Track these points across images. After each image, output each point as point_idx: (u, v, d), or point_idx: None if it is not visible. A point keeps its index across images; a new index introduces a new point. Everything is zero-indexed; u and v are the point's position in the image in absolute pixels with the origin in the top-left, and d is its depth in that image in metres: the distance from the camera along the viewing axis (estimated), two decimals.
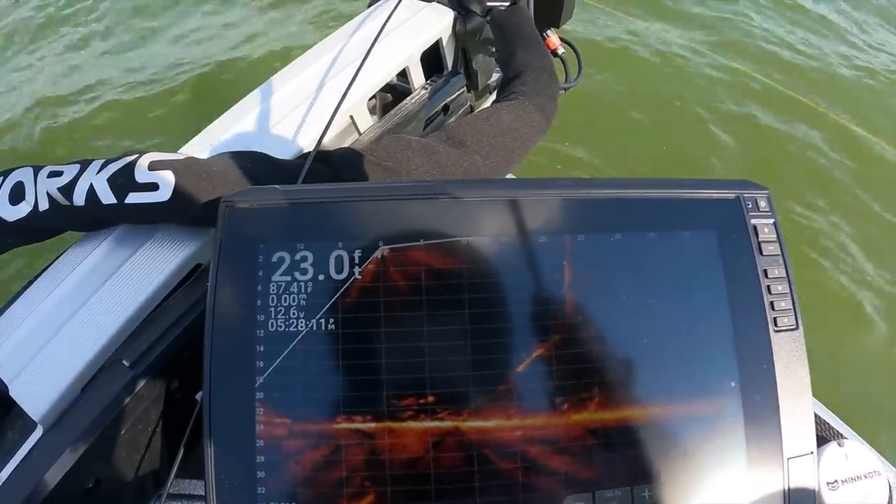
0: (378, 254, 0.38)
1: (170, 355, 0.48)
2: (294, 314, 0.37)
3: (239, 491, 0.36)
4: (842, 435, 0.57)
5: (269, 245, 0.38)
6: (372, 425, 0.36)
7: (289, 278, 0.38)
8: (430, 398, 0.37)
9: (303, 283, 0.38)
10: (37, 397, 0.44)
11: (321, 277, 0.38)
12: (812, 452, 0.40)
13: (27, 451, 0.44)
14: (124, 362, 0.46)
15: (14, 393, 0.44)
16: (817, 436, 0.58)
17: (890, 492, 0.52)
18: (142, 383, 0.46)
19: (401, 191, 0.40)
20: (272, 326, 0.37)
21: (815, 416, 0.58)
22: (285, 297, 0.38)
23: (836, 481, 0.51)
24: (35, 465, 0.43)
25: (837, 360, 1.43)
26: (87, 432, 0.44)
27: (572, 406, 0.38)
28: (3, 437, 0.49)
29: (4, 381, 0.45)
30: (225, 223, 0.39)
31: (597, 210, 0.41)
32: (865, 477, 0.52)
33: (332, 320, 0.37)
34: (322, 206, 0.39)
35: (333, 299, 0.37)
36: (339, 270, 0.38)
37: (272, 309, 0.37)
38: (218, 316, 0.37)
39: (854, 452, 0.52)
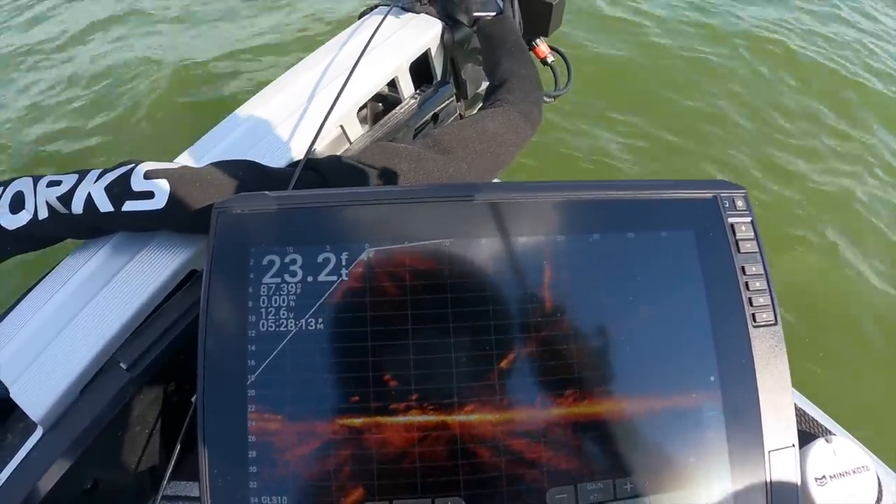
0: (364, 256, 0.39)
1: (166, 359, 0.49)
2: (284, 315, 0.39)
3: (232, 486, 0.36)
4: (830, 431, 0.58)
5: (260, 249, 0.40)
6: (360, 420, 0.37)
7: (279, 280, 0.39)
8: (416, 394, 0.38)
9: (292, 285, 0.39)
10: (37, 399, 0.45)
11: (310, 279, 0.39)
12: (793, 445, 0.41)
13: (27, 452, 0.46)
14: (122, 365, 0.47)
15: (15, 395, 0.45)
16: (806, 432, 0.59)
17: (879, 487, 0.52)
18: (139, 386, 0.48)
19: (386, 195, 0.41)
20: (263, 327, 0.38)
21: (804, 412, 0.59)
22: (275, 299, 0.39)
23: (824, 477, 0.52)
24: (34, 466, 0.45)
25: None
26: (86, 434, 0.45)
27: (554, 400, 0.39)
28: (3, 440, 0.50)
29: (5, 383, 0.46)
30: (217, 228, 0.40)
31: (575, 211, 0.42)
32: (854, 472, 0.52)
33: (320, 320, 0.38)
34: (310, 210, 0.41)
35: (321, 300, 0.39)
36: (327, 272, 0.39)
37: (263, 310, 0.39)
38: (211, 317, 0.38)
39: (842, 448, 0.53)
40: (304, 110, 0.59)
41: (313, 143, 0.51)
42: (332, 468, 0.37)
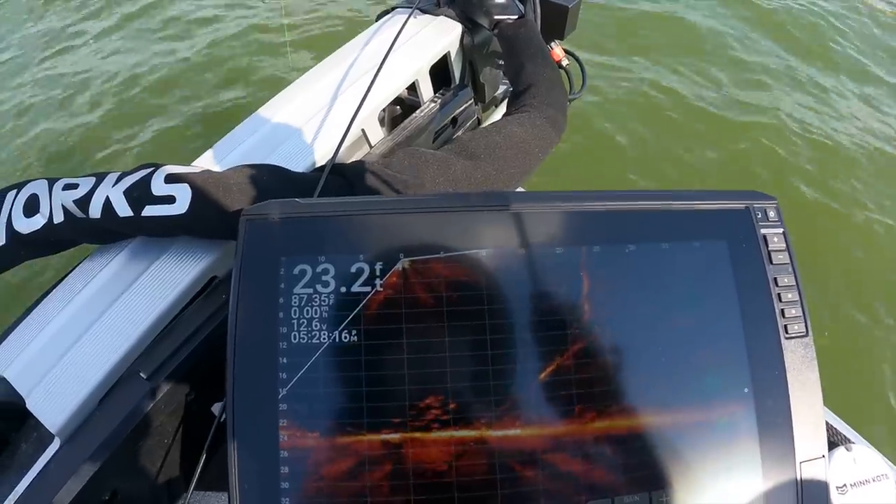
0: (399, 266, 0.39)
1: (186, 368, 0.48)
2: (317, 326, 0.38)
3: (263, 502, 0.36)
4: (850, 440, 0.58)
5: (291, 258, 0.39)
6: (396, 436, 0.36)
7: (311, 291, 0.38)
8: (453, 408, 0.37)
9: (325, 296, 0.38)
10: (54, 410, 0.44)
11: (343, 290, 0.38)
12: (823, 456, 0.41)
13: (44, 464, 0.44)
14: (141, 374, 0.46)
15: (31, 405, 0.44)
16: (827, 441, 0.59)
17: None
18: (158, 395, 0.47)
19: (421, 204, 0.41)
20: (295, 338, 0.37)
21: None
22: (307, 310, 0.38)
23: (844, 485, 0.52)
24: (52, 479, 0.43)
25: None
26: (105, 445, 0.44)
27: (591, 413, 0.38)
28: (18, 450, 0.49)
29: (21, 393, 0.45)
30: (246, 236, 0.39)
31: (611, 222, 0.42)
32: (874, 480, 0.53)
33: (354, 332, 0.38)
34: (343, 219, 0.40)
35: (356, 311, 0.38)
36: (361, 283, 0.38)
37: (294, 321, 0.38)
38: (240, 328, 0.38)
39: (862, 457, 0.53)
40: (326, 113, 0.58)
41: (338, 148, 0.50)
42: (368, 484, 0.36)
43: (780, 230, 0.44)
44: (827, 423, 0.59)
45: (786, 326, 0.42)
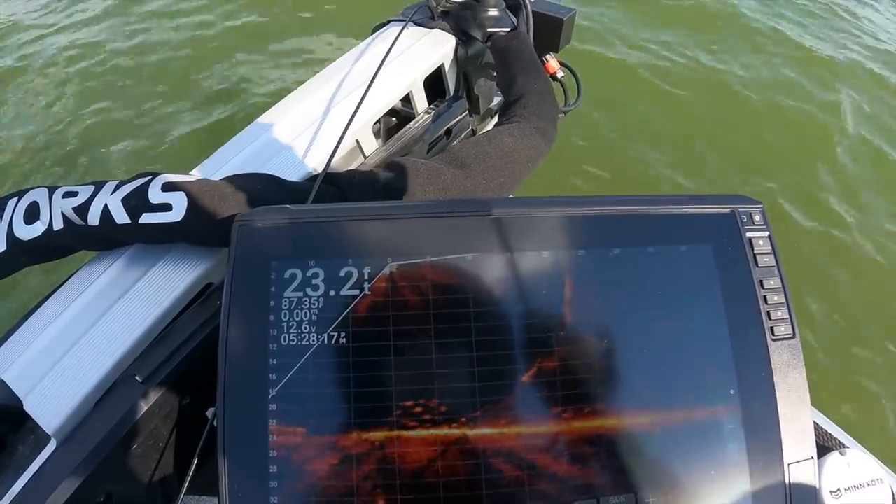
0: (387, 270, 0.39)
1: (181, 372, 0.49)
2: (306, 328, 0.38)
3: (252, 500, 0.36)
4: (844, 444, 0.58)
5: (282, 262, 0.40)
6: (382, 435, 0.37)
7: (301, 294, 0.39)
8: (439, 408, 0.38)
9: (314, 299, 0.39)
10: (51, 412, 0.45)
11: (332, 293, 0.39)
12: (812, 457, 0.41)
13: (40, 465, 0.45)
14: (137, 378, 0.47)
15: (28, 407, 0.45)
16: (820, 446, 0.59)
17: (893, 499, 0.52)
18: (154, 399, 0.47)
19: (408, 210, 0.41)
20: (285, 340, 0.38)
21: (817, 426, 0.59)
22: (297, 313, 0.39)
23: (839, 490, 0.52)
24: (48, 480, 0.44)
25: None
26: (100, 447, 0.45)
27: (576, 415, 0.39)
28: (15, 451, 0.50)
29: (19, 395, 0.46)
30: (238, 241, 0.40)
31: (596, 226, 0.42)
32: (868, 485, 0.52)
33: (342, 334, 0.38)
34: (332, 224, 0.41)
35: (344, 314, 0.39)
36: (350, 286, 0.39)
37: (284, 324, 0.38)
38: (232, 331, 0.38)
39: (856, 461, 0.53)
40: (320, 124, 0.60)
41: (331, 157, 0.51)
42: (354, 483, 0.37)
43: (766, 233, 0.45)
44: (821, 428, 0.59)
45: (772, 328, 0.43)
